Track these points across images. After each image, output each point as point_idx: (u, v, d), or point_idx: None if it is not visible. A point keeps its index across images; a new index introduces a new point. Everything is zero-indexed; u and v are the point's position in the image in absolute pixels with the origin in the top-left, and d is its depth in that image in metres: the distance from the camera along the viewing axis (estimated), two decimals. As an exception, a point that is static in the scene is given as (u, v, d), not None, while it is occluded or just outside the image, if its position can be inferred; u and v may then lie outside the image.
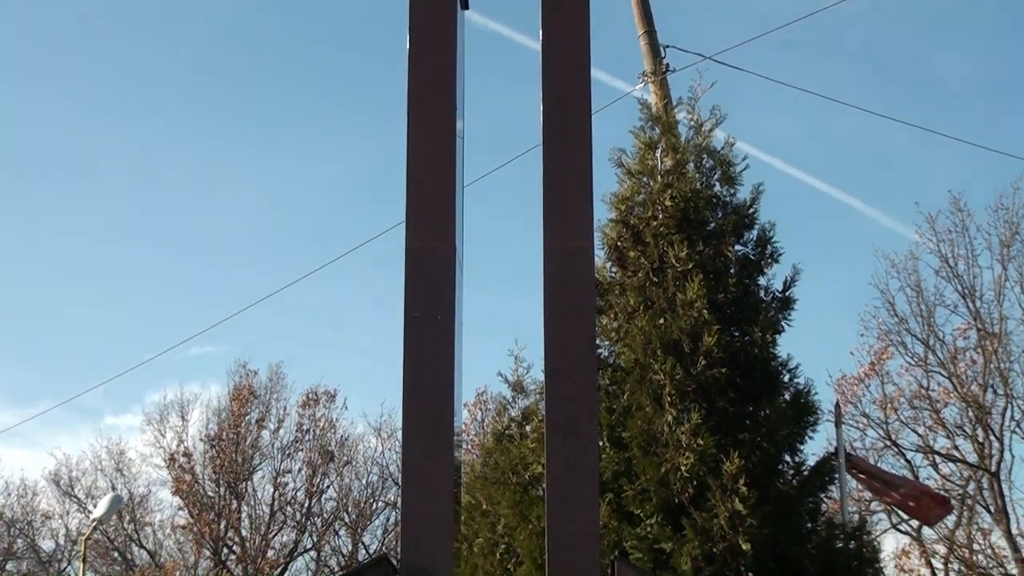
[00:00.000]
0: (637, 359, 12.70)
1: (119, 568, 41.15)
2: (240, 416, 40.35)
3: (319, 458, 41.66)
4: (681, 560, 11.79)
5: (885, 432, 30.85)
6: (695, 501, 12.02)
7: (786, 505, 12.24)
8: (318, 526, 42.38)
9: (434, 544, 7.88)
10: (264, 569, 39.60)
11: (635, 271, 13.38)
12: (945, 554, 30.38)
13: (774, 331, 13.06)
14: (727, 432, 12.36)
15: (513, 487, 13.60)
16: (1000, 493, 29.28)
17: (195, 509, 39.21)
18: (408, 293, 8.35)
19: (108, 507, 23.92)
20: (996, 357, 29.65)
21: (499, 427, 17.86)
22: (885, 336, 31.28)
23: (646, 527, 12.14)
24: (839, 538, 12.57)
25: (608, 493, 12.25)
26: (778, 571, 11.94)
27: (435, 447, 8.07)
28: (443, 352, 8.25)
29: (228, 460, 39.74)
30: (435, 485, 8.00)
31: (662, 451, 12.18)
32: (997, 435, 29.62)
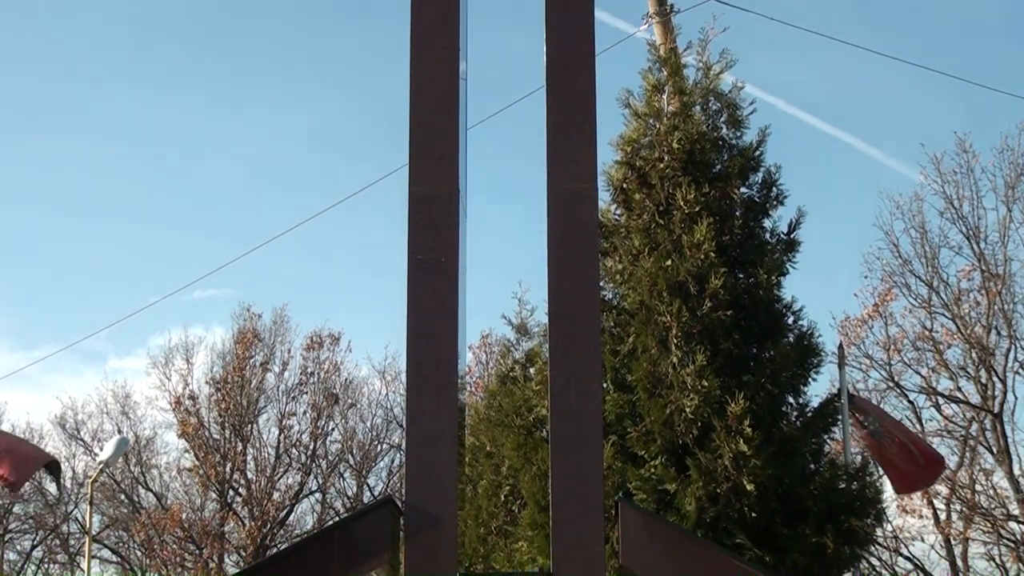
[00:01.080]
0: (642, 301, 12.71)
1: (126, 510, 41.40)
2: (245, 359, 40.43)
3: (324, 401, 41.79)
4: (685, 501, 11.84)
5: (888, 374, 30.88)
6: (699, 442, 12.06)
7: (789, 446, 12.28)
8: (323, 468, 42.60)
9: (438, 486, 7.91)
10: (270, 511, 39.82)
11: (640, 213, 13.35)
12: (947, 495, 30.48)
13: (779, 273, 13.05)
14: (732, 374, 12.39)
15: (517, 429, 13.65)
16: (1003, 434, 29.34)
17: (201, 452, 39.36)
18: (411, 236, 8.34)
19: (114, 450, 23.97)
20: (1000, 298, 29.63)
21: (503, 369, 17.91)
22: (889, 278, 31.25)
23: (650, 468, 12.19)
24: (842, 479, 12.62)
25: (612, 435, 12.29)
26: (781, 511, 12.00)
27: (439, 389, 8.09)
28: (446, 295, 8.25)
29: (233, 403, 39.86)
30: (439, 427, 8.03)
31: (667, 393, 12.21)
32: (1000, 376, 29.66)
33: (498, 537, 15.51)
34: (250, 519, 39.43)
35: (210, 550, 38.40)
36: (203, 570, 37.31)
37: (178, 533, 38.68)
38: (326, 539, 8.09)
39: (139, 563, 41.68)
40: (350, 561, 7.86)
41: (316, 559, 7.90)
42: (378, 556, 7.88)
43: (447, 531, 7.84)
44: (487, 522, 16.01)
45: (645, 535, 7.97)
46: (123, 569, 42.40)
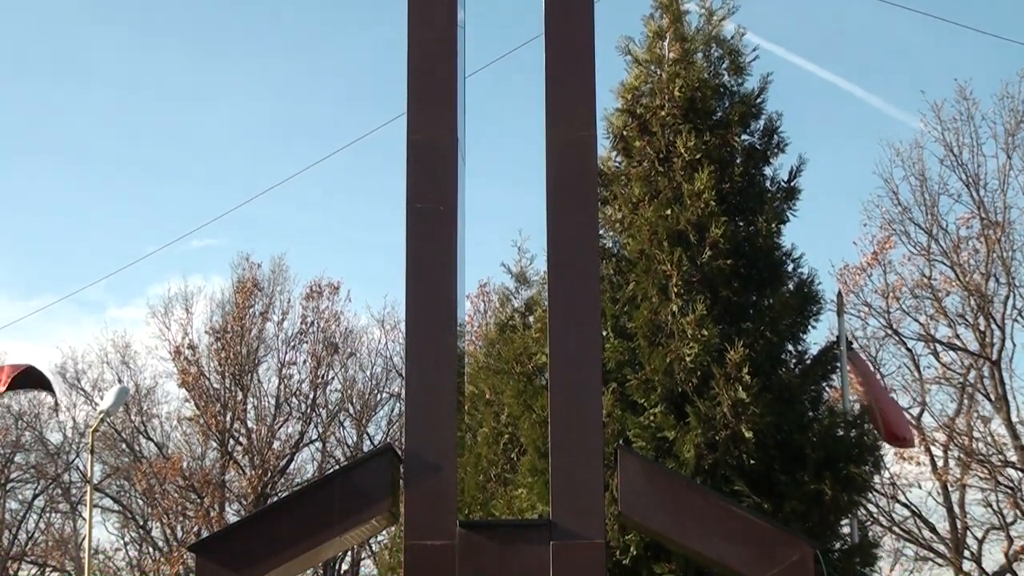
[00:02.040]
0: (642, 249, 12.70)
1: (127, 459, 41.51)
2: (244, 309, 40.41)
3: (323, 350, 41.81)
4: (684, 448, 11.88)
5: (887, 321, 30.90)
6: (699, 390, 12.09)
7: (788, 394, 12.32)
8: (323, 417, 42.70)
9: (438, 434, 7.95)
10: (270, 460, 39.94)
11: (640, 161, 13.32)
12: (945, 442, 30.58)
13: (779, 221, 13.04)
14: (731, 322, 12.41)
15: (517, 377, 13.67)
16: (1001, 381, 29.40)
17: (201, 401, 39.42)
18: (410, 184, 8.34)
19: (115, 399, 24.01)
20: (999, 246, 29.60)
21: (502, 318, 17.93)
22: (888, 225, 31.19)
23: (650, 416, 12.23)
24: (840, 426, 12.66)
25: (612, 383, 12.31)
26: (780, 458, 12.05)
27: (438, 338, 8.11)
28: (445, 243, 8.25)
29: (233, 352, 39.88)
30: (438, 376, 8.05)
31: (667, 341, 12.23)
32: (999, 324, 29.68)
33: (497, 484, 15.57)
34: (251, 468, 39.57)
35: (211, 499, 38.55)
36: (204, 519, 37.46)
37: (179, 482, 38.79)
38: (327, 487, 8.13)
39: (140, 512, 41.86)
40: (351, 508, 7.90)
41: (317, 507, 7.94)
42: (378, 503, 7.92)
43: (446, 478, 7.88)
44: (487, 470, 16.07)
45: (644, 482, 8.02)
46: (125, 518, 42.57)
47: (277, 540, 7.84)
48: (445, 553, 7.76)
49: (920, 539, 30.86)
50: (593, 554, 7.75)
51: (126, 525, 42.75)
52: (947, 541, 30.80)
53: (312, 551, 7.99)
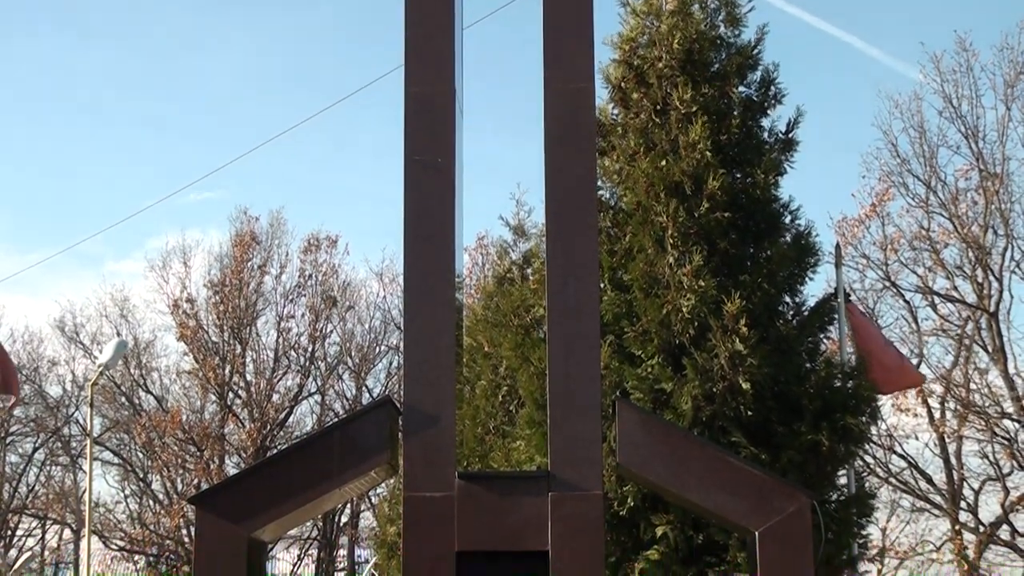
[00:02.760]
0: (639, 201, 12.69)
1: (126, 413, 41.61)
2: (242, 262, 40.38)
3: (322, 303, 41.83)
4: (681, 400, 11.92)
5: (885, 273, 30.91)
6: (696, 342, 12.11)
7: (786, 345, 12.34)
8: (322, 371, 42.79)
9: (436, 386, 7.97)
10: (269, 413, 40.05)
11: (638, 112, 13.30)
12: (942, 393, 30.67)
13: (776, 173, 13.02)
14: (728, 273, 12.41)
15: (515, 329, 13.71)
16: (998, 333, 29.45)
17: (200, 355, 39.46)
18: (408, 137, 8.32)
19: (113, 353, 24.06)
20: (997, 198, 29.56)
21: (500, 270, 17.97)
22: (887, 177, 31.16)
23: (647, 368, 12.26)
24: (837, 377, 12.69)
25: (609, 335, 12.33)
26: (777, 410, 12.09)
27: (436, 290, 8.12)
28: (443, 195, 8.24)
29: (232, 306, 39.89)
30: (437, 328, 8.06)
31: (663, 292, 12.24)
32: (996, 275, 29.69)
33: (496, 437, 15.66)
34: (250, 421, 39.68)
35: (211, 452, 38.67)
36: (204, 471, 37.60)
37: (179, 435, 38.90)
38: (326, 439, 8.16)
39: (140, 465, 42.01)
40: (350, 460, 7.93)
41: (316, 459, 7.97)
42: (377, 456, 7.95)
43: (445, 430, 7.91)
44: (485, 422, 16.15)
45: (642, 434, 8.04)
46: (125, 471, 42.73)
47: (276, 492, 7.88)
48: (444, 504, 7.80)
49: (917, 490, 31.01)
50: (591, 505, 7.79)
51: (126, 478, 42.93)
52: (944, 492, 30.95)
53: (311, 503, 8.03)
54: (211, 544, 7.79)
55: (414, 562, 7.78)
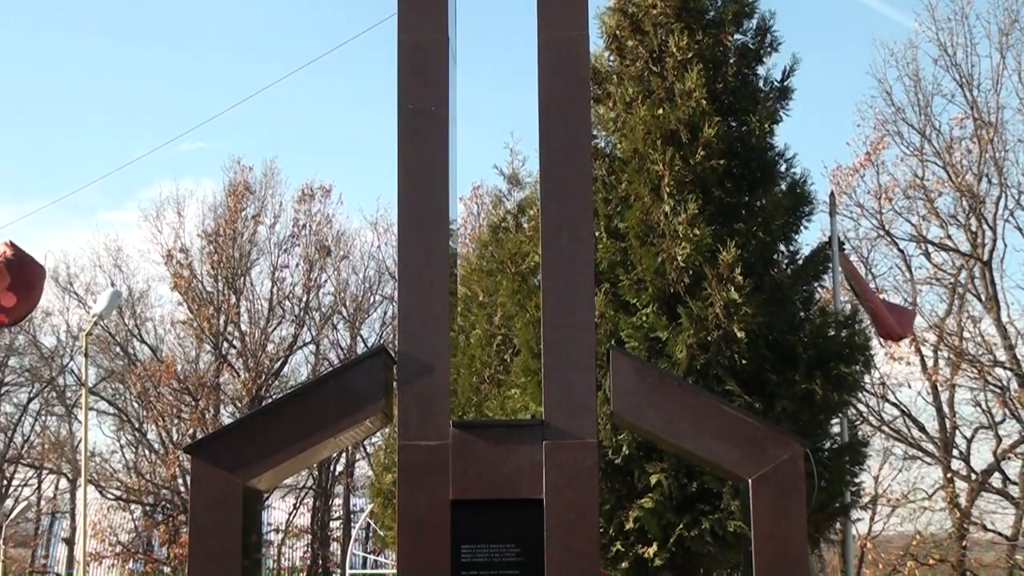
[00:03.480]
0: (635, 149, 12.66)
1: (121, 363, 41.63)
2: (236, 212, 40.28)
3: (316, 253, 41.79)
4: (676, 348, 11.94)
5: (879, 222, 30.93)
6: (691, 290, 12.11)
7: (780, 294, 12.34)
8: (316, 320, 42.81)
9: (431, 335, 7.97)
10: (264, 363, 40.10)
11: (633, 60, 13.23)
12: (935, 342, 30.75)
13: (772, 121, 12.98)
14: (723, 222, 12.40)
15: (511, 277, 13.70)
16: (991, 282, 29.49)
17: (194, 305, 39.44)
18: (401, 85, 8.27)
19: (108, 303, 24.00)
20: (992, 146, 29.53)
21: (495, 219, 17.94)
22: (881, 126, 31.12)
23: (642, 316, 12.27)
24: (831, 326, 12.71)
25: (605, 283, 12.34)
26: (771, 358, 12.11)
27: (430, 240, 8.10)
28: (437, 144, 8.21)
29: (226, 256, 39.84)
30: (431, 277, 8.05)
31: (659, 241, 12.23)
32: (990, 224, 29.71)
33: (491, 385, 15.69)
34: (245, 371, 39.74)
35: (206, 401, 38.73)
36: (199, 421, 37.68)
37: (174, 385, 38.95)
38: (321, 388, 8.17)
39: (136, 415, 42.07)
40: (344, 409, 7.94)
41: (311, 408, 7.98)
42: (372, 404, 7.96)
43: (439, 379, 7.91)
44: (480, 371, 16.18)
45: (636, 382, 8.05)
46: (120, 421, 42.80)
47: (272, 441, 7.89)
48: (439, 453, 7.81)
49: (909, 438, 31.15)
50: (585, 453, 7.81)
51: (122, 428, 43.02)
52: (936, 440, 31.09)
53: (306, 452, 8.04)
54: (207, 493, 7.81)
55: (409, 510, 7.80)
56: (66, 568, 44.25)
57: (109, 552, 39.24)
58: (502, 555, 7.90)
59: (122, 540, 39.88)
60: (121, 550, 39.46)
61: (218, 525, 7.75)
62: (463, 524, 7.83)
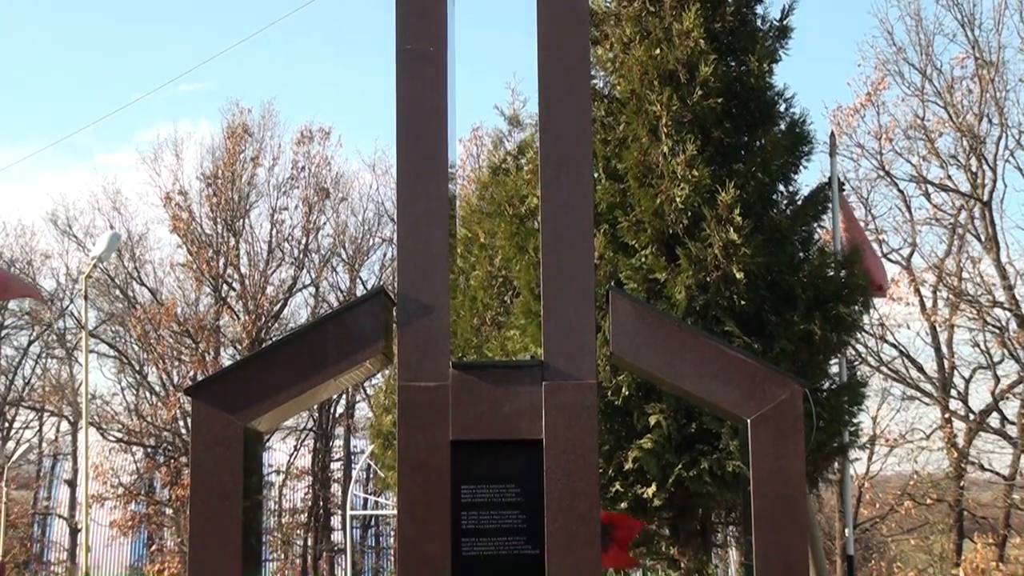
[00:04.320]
0: (633, 90, 12.60)
1: (121, 306, 41.66)
2: (235, 154, 40.18)
3: (315, 195, 41.73)
4: (675, 290, 11.95)
5: (879, 162, 30.90)
6: (690, 231, 12.11)
7: (779, 234, 12.34)
8: (316, 263, 42.82)
9: (430, 276, 7.96)
10: (264, 305, 40.13)
11: (631, 0, 13.14)
12: (934, 282, 30.81)
13: (771, 60, 12.91)
14: (722, 163, 12.37)
15: (510, 219, 13.69)
16: (991, 222, 29.50)
17: (193, 247, 39.42)
18: (400, 25, 8.22)
19: (107, 245, 24.00)
20: (993, 86, 29.45)
21: (495, 161, 17.90)
22: (882, 66, 31.02)
23: (641, 258, 12.27)
24: (830, 266, 12.71)
25: (603, 224, 12.33)
26: (770, 299, 12.12)
27: (429, 181, 8.08)
28: (436, 85, 8.16)
29: (224, 198, 39.77)
30: (430, 218, 8.04)
31: (657, 182, 12.20)
32: (990, 164, 29.69)
33: (491, 327, 15.72)
34: (244, 313, 39.79)
35: (206, 344, 38.80)
36: (199, 363, 37.76)
37: (174, 328, 39.01)
38: (320, 330, 8.16)
39: (136, 357, 42.16)
40: (344, 351, 7.95)
41: (311, 349, 7.99)
42: (372, 346, 7.97)
43: (439, 320, 7.92)
44: (481, 312, 16.21)
45: (635, 324, 8.06)
46: (121, 363, 42.90)
47: (272, 382, 7.90)
48: (439, 394, 7.83)
49: (908, 379, 31.28)
50: (585, 394, 7.82)
51: (122, 370, 43.12)
52: (934, 380, 31.22)
53: (306, 393, 8.05)
54: (207, 435, 7.83)
55: (409, 451, 7.83)
56: (68, 510, 44.50)
57: (111, 494, 39.45)
58: (502, 495, 7.94)
59: (124, 482, 40.09)
60: (123, 492, 39.68)
61: (219, 466, 7.79)
62: (463, 464, 7.86)
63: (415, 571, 7.74)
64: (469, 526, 7.90)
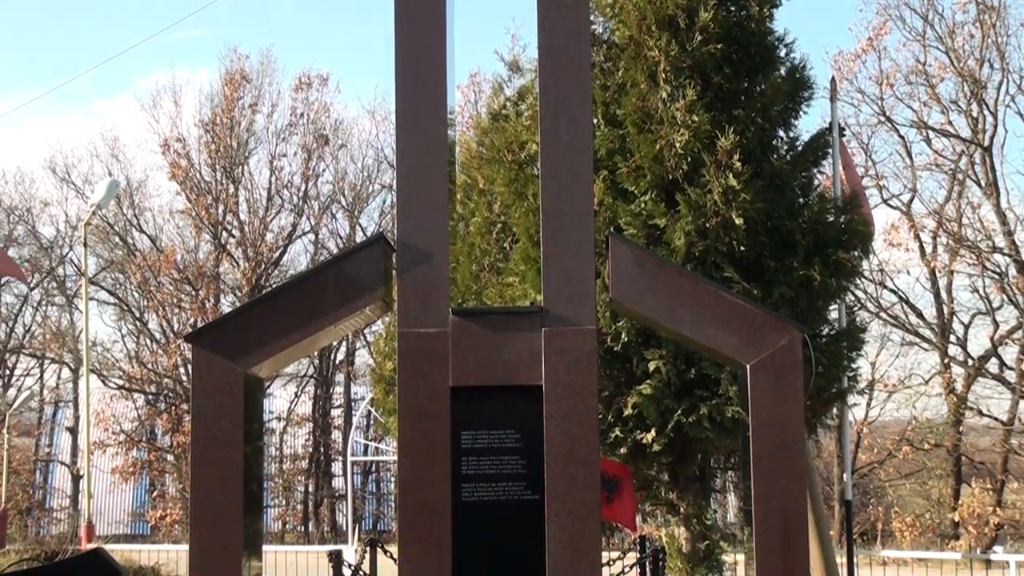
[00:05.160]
0: (632, 35, 12.54)
1: (121, 253, 41.63)
2: (233, 101, 40.02)
3: (314, 142, 41.61)
4: (675, 236, 11.94)
5: (880, 108, 30.81)
6: (689, 177, 12.08)
7: (779, 180, 12.32)
8: (315, 209, 42.74)
9: (429, 222, 7.96)
10: (263, 252, 40.10)
11: (630, -56, 13.05)
12: (934, 228, 30.80)
13: (771, 5, 12.84)
14: (722, 108, 12.32)
15: (508, 165, 13.65)
16: (991, 167, 29.46)
17: (192, 194, 39.34)
18: (398, -31, 8.17)
19: (106, 192, 24.01)
20: (994, 31, 29.32)
21: (495, 107, 17.82)
22: (884, 11, 30.87)
23: (640, 204, 12.25)
24: (830, 212, 12.69)
25: (603, 170, 12.30)
26: (769, 245, 12.12)
27: (428, 127, 8.05)
28: (435, 30, 8.12)
29: (223, 145, 39.65)
30: (429, 164, 8.02)
31: (657, 128, 12.17)
32: (991, 110, 29.61)
33: (491, 273, 15.71)
34: (244, 260, 39.77)
35: (206, 291, 38.81)
36: (200, 311, 37.79)
37: (173, 275, 39.01)
38: (320, 276, 8.16)
39: (136, 304, 42.19)
40: (344, 297, 7.96)
41: (311, 295, 8.00)
42: (371, 292, 7.97)
43: (439, 267, 7.92)
44: (480, 259, 16.19)
45: (634, 270, 8.05)
46: (121, 310, 42.92)
47: (271, 329, 7.91)
48: (438, 340, 7.84)
49: (907, 324, 31.34)
50: (584, 340, 7.83)
51: (122, 317, 43.16)
52: (933, 326, 31.27)
53: (307, 339, 8.06)
54: (208, 381, 7.85)
55: (409, 398, 7.85)
56: (70, 457, 44.68)
57: (112, 441, 39.62)
58: (502, 441, 7.97)
59: (125, 429, 40.24)
60: (124, 439, 39.84)
61: (220, 413, 7.81)
62: (463, 410, 7.89)
63: (415, 516, 7.78)
64: (469, 472, 7.93)
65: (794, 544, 7.78)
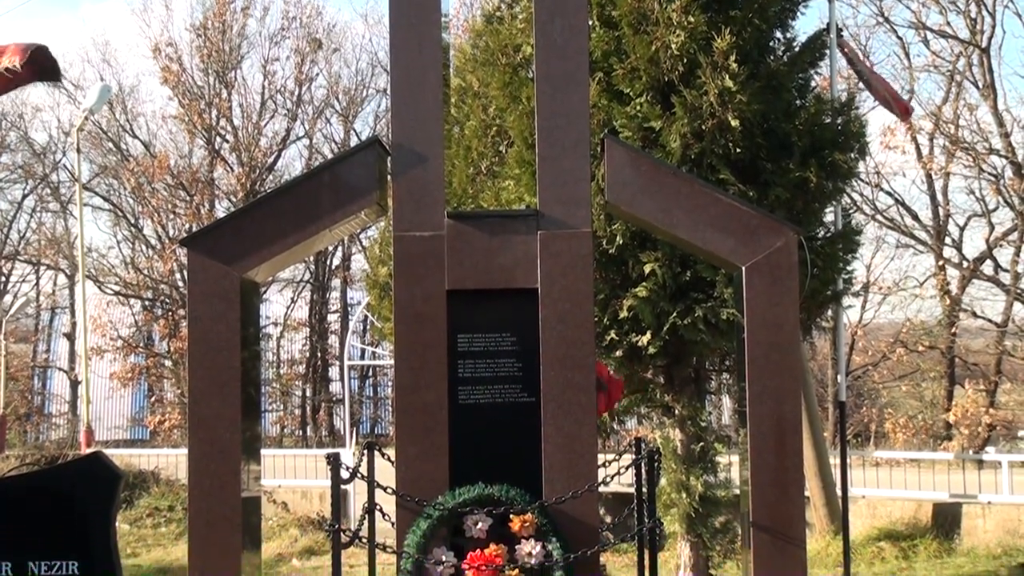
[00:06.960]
0: (627, -65, 12.38)
1: (114, 158, 41.47)
2: (225, 4, 39.63)
3: (307, 46, 41.30)
4: (670, 138, 11.89)
5: (878, 9, 30.63)
6: (685, 79, 12.00)
7: (776, 81, 12.22)
8: (309, 114, 42.56)
9: (424, 126, 7.94)
10: (257, 157, 39.96)
11: None
12: (931, 130, 30.70)
13: (768, -99, 12.65)
14: (718, 9, 12.19)
15: (503, 68, 13.54)
16: (989, 68, 29.30)
17: (185, 99, 39.10)
18: None
19: (97, 97, 23.80)
20: (995, -71, 29.02)
21: (489, 8, 17.64)
22: (882, -91, 30.51)
23: (636, 106, 12.18)
24: (827, 114, 12.62)
25: (598, 72, 12.21)
26: (766, 147, 12.07)
27: (422, 30, 8.00)
28: (428, -71, 8.04)
29: (215, 49, 39.33)
30: (423, 68, 7.99)
31: (652, 29, 12.05)
32: (990, 10, 29.38)
33: (486, 177, 15.66)
34: (238, 165, 39.64)
35: (200, 197, 38.73)
36: (194, 216, 37.73)
37: (168, 180, 38.90)
38: (315, 180, 8.16)
39: (131, 210, 42.12)
40: (339, 201, 7.96)
41: (306, 199, 7.99)
42: (366, 196, 7.97)
43: (433, 170, 7.91)
44: (475, 162, 16.13)
45: (630, 172, 8.04)
46: (116, 216, 42.87)
47: (267, 233, 7.91)
48: (434, 244, 7.85)
49: (902, 227, 31.37)
50: (580, 243, 7.85)
51: (117, 223, 43.14)
52: (929, 228, 31.31)
53: (302, 243, 8.08)
54: (204, 285, 7.87)
55: (405, 301, 7.88)
56: (68, 363, 44.88)
57: (110, 346, 39.78)
58: (498, 344, 8.01)
59: (122, 335, 40.39)
60: (122, 344, 40.00)
61: (216, 317, 7.84)
62: (459, 314, 7.92)
63: (413, 419, 7.84)
64: (465, 374, 7.99)
65: (788, 444, 7.86)
